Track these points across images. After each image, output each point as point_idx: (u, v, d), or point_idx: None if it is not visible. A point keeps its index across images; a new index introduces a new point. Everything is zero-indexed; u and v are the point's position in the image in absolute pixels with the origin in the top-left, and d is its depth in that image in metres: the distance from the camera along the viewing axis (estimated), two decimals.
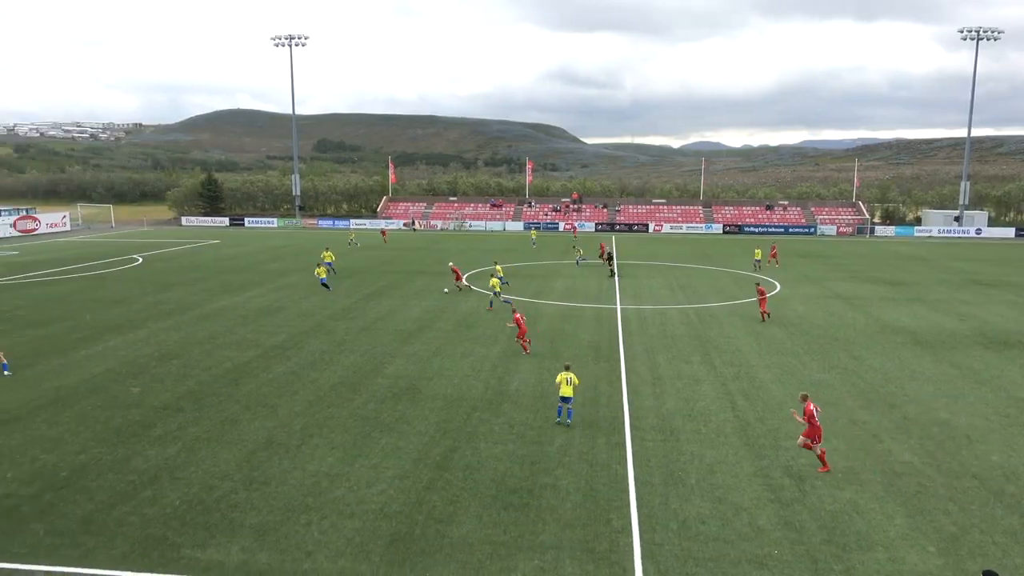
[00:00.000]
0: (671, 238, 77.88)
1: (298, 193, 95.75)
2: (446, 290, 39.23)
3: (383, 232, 67.30)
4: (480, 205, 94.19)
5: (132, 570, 12.07)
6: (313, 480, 15.53)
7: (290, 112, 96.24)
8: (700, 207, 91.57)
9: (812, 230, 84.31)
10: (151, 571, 12.03)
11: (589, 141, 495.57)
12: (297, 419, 19.23)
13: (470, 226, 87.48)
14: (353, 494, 14.88)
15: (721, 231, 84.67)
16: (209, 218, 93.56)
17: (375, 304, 35.46)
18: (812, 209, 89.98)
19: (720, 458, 16.85)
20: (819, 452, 16.14)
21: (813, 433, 16.07)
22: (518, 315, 26.21)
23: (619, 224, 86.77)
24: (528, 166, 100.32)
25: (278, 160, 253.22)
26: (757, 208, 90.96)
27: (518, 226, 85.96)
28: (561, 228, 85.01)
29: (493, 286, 34.76)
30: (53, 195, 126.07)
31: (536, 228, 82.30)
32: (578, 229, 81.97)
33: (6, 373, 23.58)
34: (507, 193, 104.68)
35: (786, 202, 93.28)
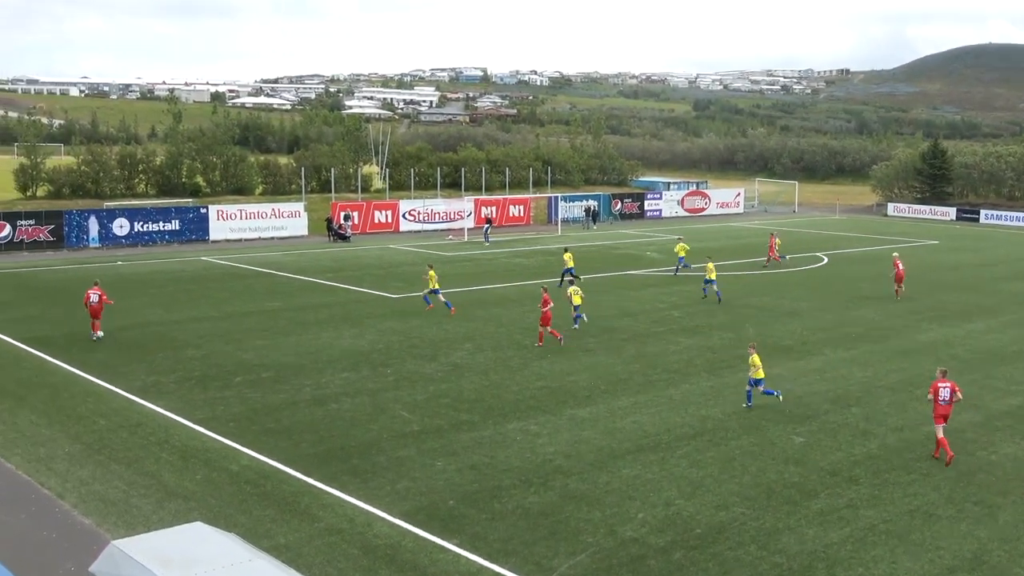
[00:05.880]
0: None
1: None
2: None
3: (771, 251, 53.09)
4: None
5: None
6: None
7: None
8: None
9: None
10: None
11: None
12: None
13: None
14: None
15: None
16: (927, 207, 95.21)
17: None
18: None
19: None
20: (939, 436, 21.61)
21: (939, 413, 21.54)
22: (547, 295, 33.02)
23: None
24: None
25: None
26: None
27: None
28: None
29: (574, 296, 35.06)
30: (729, 165, 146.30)
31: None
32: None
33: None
34: None
35: None
